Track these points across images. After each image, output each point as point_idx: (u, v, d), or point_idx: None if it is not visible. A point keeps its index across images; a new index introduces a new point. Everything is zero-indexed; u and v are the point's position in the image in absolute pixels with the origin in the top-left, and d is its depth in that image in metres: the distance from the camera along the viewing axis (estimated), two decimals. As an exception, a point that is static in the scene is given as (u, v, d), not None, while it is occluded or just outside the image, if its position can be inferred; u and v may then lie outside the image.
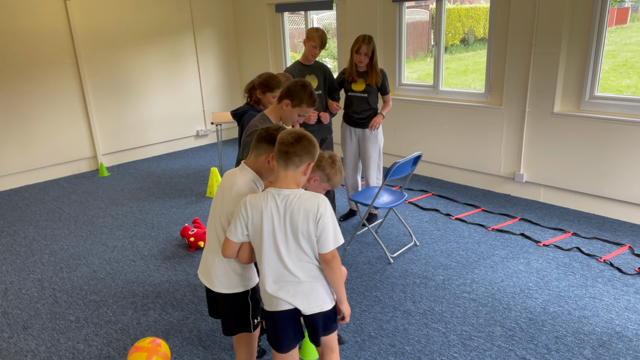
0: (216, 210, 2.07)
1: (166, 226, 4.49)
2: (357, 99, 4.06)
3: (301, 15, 6.77)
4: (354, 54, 3.91)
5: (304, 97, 2.53)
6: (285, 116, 2.60)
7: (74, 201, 5.24)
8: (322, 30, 3.85)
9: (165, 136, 6.98)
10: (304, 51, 3.95)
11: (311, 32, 3.87)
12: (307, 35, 3.90)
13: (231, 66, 7.50)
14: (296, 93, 2.52)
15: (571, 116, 4.32)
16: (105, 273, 3.70)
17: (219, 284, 2.09)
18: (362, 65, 3.93)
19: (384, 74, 4.03)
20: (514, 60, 4.56)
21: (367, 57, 3.88)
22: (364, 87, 4.01)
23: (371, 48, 3.85)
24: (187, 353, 2.77)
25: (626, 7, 7.83)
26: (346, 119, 4.20)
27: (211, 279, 2.10)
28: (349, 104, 4.12)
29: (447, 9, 5.69)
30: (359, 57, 3.88)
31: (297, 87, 2.53)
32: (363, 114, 4.08)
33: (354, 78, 4.02)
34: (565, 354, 2.64)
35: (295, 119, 2.62)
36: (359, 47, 3.84)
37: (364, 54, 3.85)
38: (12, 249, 4.16)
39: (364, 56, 3.86)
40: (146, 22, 6.45)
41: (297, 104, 2.54)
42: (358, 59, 3.90)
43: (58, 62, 5.84)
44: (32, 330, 3.03)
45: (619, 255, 3.65)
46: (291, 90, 2.53)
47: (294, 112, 2.56)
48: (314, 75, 3.99)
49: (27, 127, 5.72)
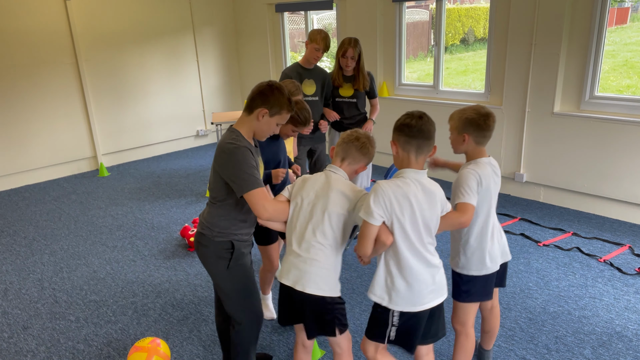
0: (317, 213, 1.98)
1: (166, 226, 4.50)
2: (347, 105, 3.93)
3: (301, 15, 6.77)
4: (339, 57, 3.74)
5: (284, 102, 2.06)
6: (262, 129, 2.10)
7: (74, 201, 5.24)
8: (326, 33, 3.70)
9: (165, 136, 6.98)
10: (306, 53, 3.78)
11: (314, 34, 3.70)
12: (309, 37, 3.72)
13: (231, 66, 7.50)
14: (273, 99, 2.04)
15: (571, 116, 4.32)
16: (105, 273, 3.70)
17: (316, 287, 1.97)
18: (348, 69, 3.79)
19: (371, 77, 3.91)
20: (514, 60, 4.56)
21: (354, 61, 3.72)
22: (352, 92, 3.88)
23: (357, 51, 3.69)
24: (187, 353, 2.77)
25: (626, 7, 7.83)
26: (335, 125, 4.03)
27: (309, 282, 1.97)
28: (338, 110, 3.94)
29: (447, 9, 5.69)
30: (346, 61, 3.71)
31: (273, 90, 2.05)
32: (353, 119, 3.97)
33: (340, 83, 3.86)
34: (565, 354, 2.64)
35: (272, 131, 2.15)
36: (345, 50, 3.67)
37: (350, 58, 3.68)
38: (12, 249, 4.16)
39: (350, 60, 3.70)
40: (146, 22, 6.45)
41: (276, 111, 2.06)
42: (344, 63, 3.73)
43: (58, 62, 5.84)
44: (32, 330, 3.03)
45: (619, 255, 3.66)
46: (266, 96, 2.04)
47: (271, 122, 2.09)
48: (312, 80, 3.81)
49: (27, 127, 5.72)
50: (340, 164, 2.05)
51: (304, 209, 2.01)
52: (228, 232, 2.13)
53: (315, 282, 1.95)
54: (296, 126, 2.67)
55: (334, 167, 2.05)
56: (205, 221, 2.16)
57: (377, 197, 1.83)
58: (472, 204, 2.04)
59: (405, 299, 1.90)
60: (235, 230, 2.14)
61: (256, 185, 1.98)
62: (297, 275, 1.97)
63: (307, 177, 2.07)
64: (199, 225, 2.20)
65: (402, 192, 1.85)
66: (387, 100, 5.71)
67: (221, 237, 2.12)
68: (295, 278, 1.98)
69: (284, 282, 2.02)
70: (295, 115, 2.58)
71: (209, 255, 2.16)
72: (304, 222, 2.00)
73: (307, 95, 3.74)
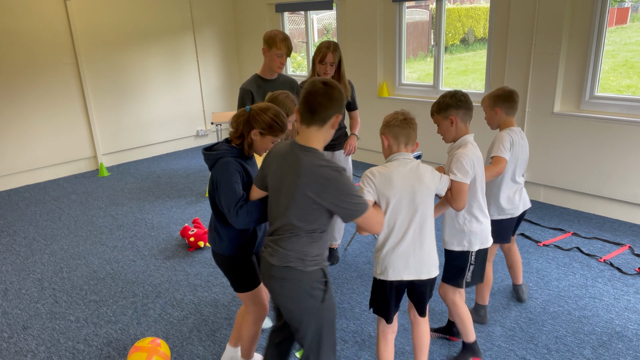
0: (416, 202, 2.08)
1: (166, 226, 4.50)
2: None
3: (301, 15, 6.77)
4: (317, 64, 3.27)
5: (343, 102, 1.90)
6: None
7: (74, 201, 5.24)
8: (285, 33, 3.12)
9: (165, 136, 6.98)
10: (265, 62, 3.14)
11: (272, 37, 3.05)
12: (267, 42, 3.07)
13: (231, 66, 7.50)
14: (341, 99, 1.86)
15: (571, 116, 4.32)
16: (105, 273, 3.70)
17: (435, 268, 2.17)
18: (327, 77, 3.13)
19: (351, 86, 3.47)
20: (514, 60, 4.56)
21: (334, 68, 3.27)
22: None
23: (337, 57, 3.25)
24: (187, 353, 2.77)
25: (626, 7, 7.84)
26: None
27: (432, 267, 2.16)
28: None
29: (447, 9, 5.69)
30: (324, 68, 3.25)
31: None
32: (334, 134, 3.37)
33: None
34: (565, 354, 2.64)
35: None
36: (324, 56, 3.21)
37: (329, 64, 3.23)
38: (12, 249, 4.16)
39: (329, 66, 3.24)
40: (146, 22, 6.45)
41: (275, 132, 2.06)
42: (322, 70, 3.26)
43: (58, 62, 5.84)
44: (32, 330, 3.03)
45: (619, 255, 3.66)
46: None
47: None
48: None
49: (27, 127, 5.72)
50: (405, 149, 2.12)
51: (403, 204, 2.06)
52: (320, 259, 1.90)
53: (434, 264, 2.15)
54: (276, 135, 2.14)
55: (405, 155, 2.11)
56: (291, 252, 1.86)
57: (467, 160, 2.21)
58: (505, 157, 2.63)
59: (479, 238, 2.38)
60: (325, 256, 1.94)
61: (367, 205, 1.85)
62: (418, 266, 2.11)
63: (385, 172, 2.07)
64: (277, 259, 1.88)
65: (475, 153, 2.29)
66: (387, 100, 5.71)
67: (313, 265, 1.87)
68: (417, 269, 2.11)
69: (405, 278, 2.11)
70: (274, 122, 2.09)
71: (302, 290, 1.88)
72: (406, 217, 2.08)
73: None
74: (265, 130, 2.08)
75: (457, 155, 2.24)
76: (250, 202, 2.06)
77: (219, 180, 2.09)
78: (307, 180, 1.77)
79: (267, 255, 1.93)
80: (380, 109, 5.78)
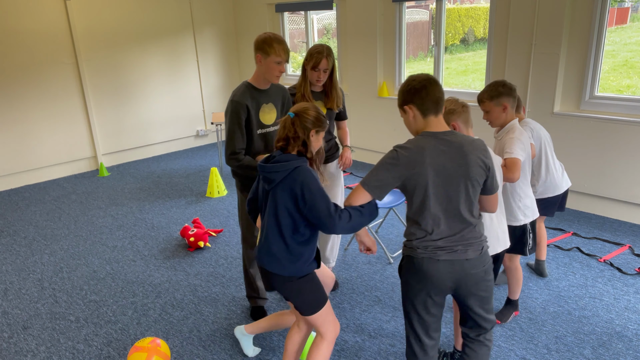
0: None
1: (166, 226, 4.50)
2: None
3: (301, 15, 6.77)
4: (309, 70, 2.95)
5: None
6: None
7: (74, 201, 5.24)
8: (279, 35, 2.67)
9: (165, 136, 6.98)
10: (260, 70, 2.68)
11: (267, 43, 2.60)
12: (262, 50, 2.61)
13: (231, 66, 7.50)
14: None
15: (571, 116, 4.32)
16: (105, 273, 3.70)
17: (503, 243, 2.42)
18: (319, 84, 3.00)
19: (342, 95, 3.18)
20: (514, 60, 4.56)
21: (327, 74, 2.97)
22: (324, 111, 3.07)
23: (331, 63, 2.94)
24: (187, 353, 2.77)
25: (626, 7, 7.84)
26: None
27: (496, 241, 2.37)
28: None
29: (447, 9, 5.70)
30: (317, 75, 2.93)
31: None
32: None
33: (309, 100, 3.01)
34: (565, 354, 2.64)
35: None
36: (318, 61, 2.88)
37: (323, 71, 2.92)
38: (12, 249, 4.16)
39: (323, 73, 2.93)
40: (146, 22, 6.45)
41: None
42: (315, 77, 2.94)
43: (58, 62, 5.84)
44: (32, 330, 3.03)
45: (619, 255, 3.66)
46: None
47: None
48: (272, 103, 2.79)
49: (27, 127, 5.72)
50: (467, 131, 2.29)
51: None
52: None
53: (490, 243, 2.28)
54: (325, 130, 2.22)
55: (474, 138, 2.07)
56: (479, 237, 1.97)
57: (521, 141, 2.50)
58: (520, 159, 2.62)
59: (530, 211, 2.71)
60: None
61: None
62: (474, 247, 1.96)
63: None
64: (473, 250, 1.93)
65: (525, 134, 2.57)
66: (387, 100, 5.71)
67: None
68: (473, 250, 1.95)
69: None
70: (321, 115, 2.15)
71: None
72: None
73: (266, 125, 2.75)
74: (319, 127, 2.10)
75: (512, 139, 2.54)
76: (351, 207, 1.97)
77: (307, 187, 1.97)
78: (467, 162, 1.93)
79: (461, 252, 1.92)
80: (380, 109, 5.79)
